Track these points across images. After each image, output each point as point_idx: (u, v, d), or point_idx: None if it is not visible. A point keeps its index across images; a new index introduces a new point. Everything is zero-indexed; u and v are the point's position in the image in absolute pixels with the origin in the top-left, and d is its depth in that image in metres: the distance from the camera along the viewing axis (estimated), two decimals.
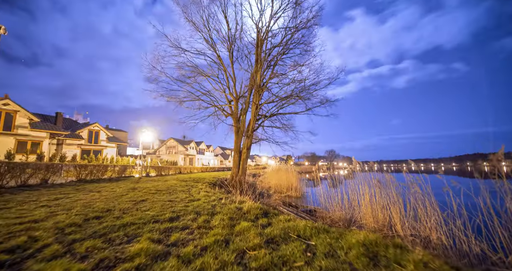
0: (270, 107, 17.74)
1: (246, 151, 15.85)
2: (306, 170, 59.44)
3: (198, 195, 6.96)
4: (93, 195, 6.26)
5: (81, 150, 27.96)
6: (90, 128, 29.14)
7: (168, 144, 44.02)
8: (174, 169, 21.21)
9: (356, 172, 8.77)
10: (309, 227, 3.22)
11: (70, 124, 29.42)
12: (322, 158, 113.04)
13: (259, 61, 16.49)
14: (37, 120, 22.21)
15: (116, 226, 3.19)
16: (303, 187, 20.57)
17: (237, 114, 17.27)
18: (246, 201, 6.17)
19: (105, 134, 30.34)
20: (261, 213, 4.59)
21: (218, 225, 3.41)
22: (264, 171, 31.34)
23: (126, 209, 4.41)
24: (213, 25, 16.29)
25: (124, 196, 6.15)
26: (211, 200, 5.98)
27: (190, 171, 25.02)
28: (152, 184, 9.94)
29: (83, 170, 10.53)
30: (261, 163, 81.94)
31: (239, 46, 17.27)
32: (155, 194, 6.81)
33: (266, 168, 39.37)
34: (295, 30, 16.25)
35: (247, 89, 17.69)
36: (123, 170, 13.15)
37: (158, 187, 8.68)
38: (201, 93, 16.48)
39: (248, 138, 15.72)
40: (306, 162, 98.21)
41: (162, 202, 5.31)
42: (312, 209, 11.81)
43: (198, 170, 28.07)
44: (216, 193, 7.75)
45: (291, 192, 19.18)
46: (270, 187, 20.95)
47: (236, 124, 15.76)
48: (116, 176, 12.67)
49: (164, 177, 16.12)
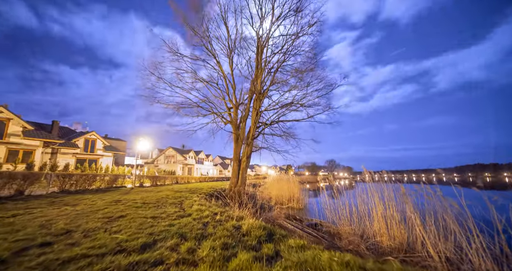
0: (270, 115, 16.91)
1: (246, 159, 14.83)
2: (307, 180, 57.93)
3: (190, 208, 5.91)
4: (64, 209, 5.22)
5: (76, 159, 26.85)
6: (86, 137, 28.18)
7: (167, 153, 42.88)
8: (171, 179, 20.07)
9: (367, 182, 7.78)
10: (337, 261, 2.22)
11: (66, 133, 28.49)
12: (323, 167, 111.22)
13: (259, 68, 15.85)
14: (31, 128, 21.30)
15: (57, 261, 2.18)
16: (305, 198, 19.36)
17: (237, 121, 16.42)
18: (246, 217, 5.12)
19: (101, 143, 29.35)
20: (265, 235, 3.57)
21: (206, 257, 2.40)
22: (265, 181, 30.11)
23: (91, 230, 3.39)
24: (213, 32, 15.76)
25: (101, 211, 5.11)
26: (203, 216, 4.94)
27: (188, 181, 23.82)
28: (141, 195, 8.87)
29: (67, 179, 9.48)
30: (261, 173, 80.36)
31: (239, 53, 16.72)
32: (140, 208, 5.76)
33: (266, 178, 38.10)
34: (295, 37, 15.72)
35: (247, 96, 16.95)
36: (114, 180, 12.09)
37: (147, 199, 7.62)
38: (199, 100, 15.70)
39: (248, 145, 14.75)
40: (307, 171, 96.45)
41: (142, 219, 4.28)
42: (318, 223, 10.67)
43: (196, 180, 26.86)
44: (212, 206, 6.71)
45: (293, 203, 17.96)
46: (270, 197, 19.75)
47: (235, 131, 14.85)
48: (105, 186, 11.58)
49: (159, 187, 14.99)
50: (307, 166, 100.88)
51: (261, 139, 16.91)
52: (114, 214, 4.71)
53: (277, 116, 16.46)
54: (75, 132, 29.56)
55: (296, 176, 23.48)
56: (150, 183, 16.66)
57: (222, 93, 16.59)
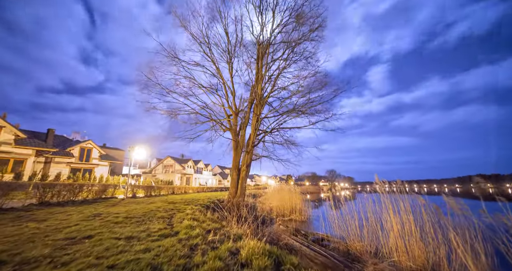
0: (271, 122, 16.14)
1: (246, 168, 13.84)
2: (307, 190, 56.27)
3: (179, 224, 4.91)
4: (24, 227, 4.22)
5: (71, 168, 25.74)
6: (82, 146, 27.22)
7: (165, 163, 41.70)
8: (167, 189, 18.92)
9: (381, 193, 6.86)
10: None
11: (62, 142, 27.54)
12: (323, 178, 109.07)
13: (260, 74, 15.24)
14: (24, 136, 20.39)
15: None
16: (308, 209, 18.19)
17: (236, 128, 15.59)
18: (245, 236, 4.13)
19: (97, 152, 28.34)
20: (271, 266, 2.61)
21: None
22: (265, 191, 28.86)
23: (31, 261, 2.42)
24: (213, 37, 15.28)
25: (68, 229, 4.11)
26: (193, 235, 3.95)
27: (185, 191, 22.61)
28: (129, 208, 7.83)
29: (48, 190, 8.47)
30: (261, 183, 78.62)
31: (239, 59, 16.18)
32: (118, 224, 4.76)
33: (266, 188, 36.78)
34: (296, 44, 15.25)
35: (247, 103, 16.25)
36: (103, 190, 11.03)
37: (133, 212, 6.60)
38: (198, 106, 14.94)
39: (248, 153, 13.82)
40: (307, 182, 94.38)
41: (112, 242, 3.30)
42: (324, 238, 9.60)
43: (194, 190, 25.61)
44: (206, 221, 5.71)
45: (295, 215, 16.77)
46: (271, 209, 18.57)
47: (235, 138, 13.96)
48: (93, 197, 10.51)
49: (153, 198, 13.89)
50: (307, 176, 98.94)
51: (262, 146, 16.02)
52: (80, 234, 3.72)
53: (278, 123, 15.68)
54: (71, 141, 28.62)
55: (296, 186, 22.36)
56: (144, 193, 15.53)
57: (222, 100, 15.89)
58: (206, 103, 15.57)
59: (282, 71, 15.52)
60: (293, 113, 15.44)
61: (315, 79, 14.02)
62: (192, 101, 14.48)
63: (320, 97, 14.99)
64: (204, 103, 15.43)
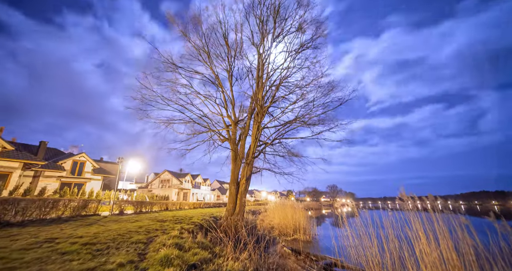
0: (272, 132, 14.99)
1: (245, 181, 12.42)
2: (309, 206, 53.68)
3: (152, 256, 3.52)
4: None
5: (61, 183, 24.04)
6: (74, 159, 25.74)
7: (162, 177, 39.85)
8: (160, 205, 17.22)
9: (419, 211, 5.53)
10: None
11: (54, 155, 26.09)
12: (324, 193, 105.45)
13: (260, 83, 14.38)
14: (11, 148, 19.03)
15: None
16: (313, 228, 16.42)
17: (236, 139, 14.39)
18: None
19: (91, 166, 26.78)
20: None
21: None
22: (265, 208, 26.94)
23: None
24: (212, 45, 14.57)
25: None
26: None
27: (180, 207, 20.79)
28: (102, 229, 6.36)
29: (9, 207, 7.02)
30: (261, 198, 75.72)
31: (239, 67, 15.40)
32: (66, 255, 3.37)
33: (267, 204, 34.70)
34: (296, 53, 14.58)
35: (248, 113, 15.22)
36: (83, 206, 9.52)
37: (102, 236, 5.17)
38: (195, 115, 13.83)
39: (248, 165, 12.47)
40: (308, 197, 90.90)
41: None
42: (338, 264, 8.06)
43: (190, 206, 23.74)
44: (192, 248, 4.29)
45: (299, 234, 15.00)
46: (273, 227, 16.79)
47: (234, 147, 12.69)
48: (69, 214, 8.99)
49: (142, 215, 12.27)
50: (308, 192, 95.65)
51: (262, 158, 14.71)
52: None
53: (279, 133, 14.51)
54: (64, 154, 27.17)
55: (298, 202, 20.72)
56: (134, 209, 13.90)
57: (220, 109, 14.87)
58: (204, 112, 14.51)
59: (283, 80, 14.69)
60: (296, 123, 14.35)
61: (318, 85, 13.03)
62: (188, 109, 13.40)
63: (324, 105, 13.97)
64: (201, 112, 14.37)
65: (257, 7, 14.33)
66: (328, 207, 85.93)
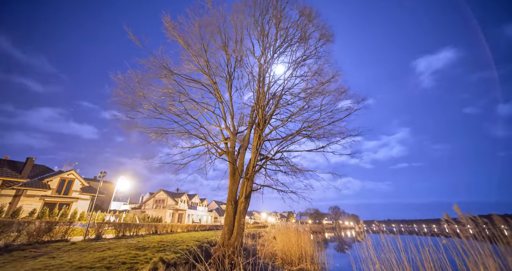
0: (273, 146, 13.61)
1: (245, 199, 10.70)
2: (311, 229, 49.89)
3: None
4: None
5: (44, 203, 21.84)
6: (63, 177, 23.85)
7: (157, 197, 37.29)
8: (148, 228, 15.06)
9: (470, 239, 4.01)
10: None
11: (41, 172, 24.19)
12: (326, 215, 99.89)
13: (261, 93, 13.37)
14: None
15: None
16: (321, 255, 14.21)
17: (234, 152, 12.93)
18: None
19: (80, 184, 24.78)
20: None
21: None
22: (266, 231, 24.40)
23: None
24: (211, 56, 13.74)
25: None
26: None
27: (171, 230, 18.43)
28: (48, 263, 4.62)
29: None
30: (261, 220, 71.44)
31: (239, 75, 14.50)
32: None
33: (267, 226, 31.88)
34: (297, 64, 13.83)
35: (248, 123, 13.99)
36: (47, 230, 7.71)
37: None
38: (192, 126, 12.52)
39: (248, 180, 10.86)
40: (309, 219, 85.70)
41: None
42: None
43: (184, 229, 21.25)
44: None
45: (306, 263, 12.78)
46: (275, 253, 14.54)
47: (232, 160, 11.17)
48: (23, 241, 7.14)
49: (122, 240, 10.29)
50: (309, 213, 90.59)
51: (263, 172, 13.12)
52: None
53: (281, 146, 13.12)
54: (52, 171, 25.29)
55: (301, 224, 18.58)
56: (116, 233, 11.88)
57: (218, 120, 13.64)
58: (200, 123, 13.20)
59: (285, 92, 13.75)
60: (298, 136, 13.05)
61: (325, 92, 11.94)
62: (183, 119, 12.11)
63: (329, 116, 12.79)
64: (198, 123, 13.06)
65: (259, 18, 13.86)
66: (331, 230, 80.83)
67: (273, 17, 13.78)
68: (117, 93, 10.88)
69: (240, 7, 13.68)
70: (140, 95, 10.73)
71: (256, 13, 13.76)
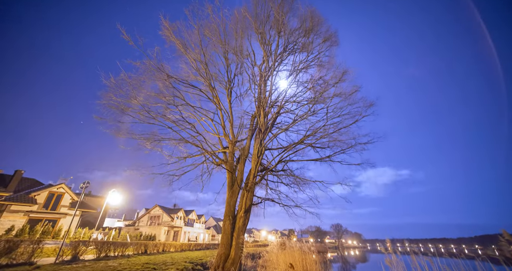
0: (274, 156, 12.53)
1: (244, 214, 9.36)
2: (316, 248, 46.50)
3: None
4: None
5: (29, 219, 20.06)
6: (51, 191, 22.26)
7: (152, 213, 35.10)
8: (137, 247, 13.36)
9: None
10: None
11: (29, 186, 22.61)
12: (328, 233, 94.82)
13: (263, 100, 12.59)
14: None
15: None
16: None
17: (233, 162, 11.78)
18: None
19: (69, 199, 23.10)
20: None
21: None
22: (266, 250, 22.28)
23: None
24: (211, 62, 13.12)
25: None
26: None
27: (164, 250, 16.55)
28: None
29: None
30: (260, 238, 67.63)
31: (239, 81, 13.79)
32: None
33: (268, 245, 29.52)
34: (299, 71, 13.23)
35: (248, 131, 13.02)
36: (7, 251, 6.33)
37: None
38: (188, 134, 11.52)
39: (248, 192, 9.61)
40: (311, 238, 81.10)
41: None
42: None
43: (177, 248, 19.24)
44: None
45: None
46: None
47: (231, 169, 10.00)
48: None
49: (101, 262, 8.76)
50: (311, 231, 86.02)
51: (264, 184, 11.86)
52: None
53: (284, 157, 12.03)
54: (41, 185, 23.71)
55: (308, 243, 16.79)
56: (97, 253, 10.31)
57: (217, 128, 12.68)
58: (197, 130, 12.19)
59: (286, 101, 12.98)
60: (302, 145, 12.03)
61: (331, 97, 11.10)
62: (177, 125, 11.12)
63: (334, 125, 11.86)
64: (195, 131, 12.05)
65: (260, 26, 13.47)
66: (334, 249, 76.16)
67: (274, 24, 13.41)
68: (108, 97, 9.98)
69: (241, 14, 13.32)
70: (133, 97, 9.84)
71: (257, 21, 13.40)
